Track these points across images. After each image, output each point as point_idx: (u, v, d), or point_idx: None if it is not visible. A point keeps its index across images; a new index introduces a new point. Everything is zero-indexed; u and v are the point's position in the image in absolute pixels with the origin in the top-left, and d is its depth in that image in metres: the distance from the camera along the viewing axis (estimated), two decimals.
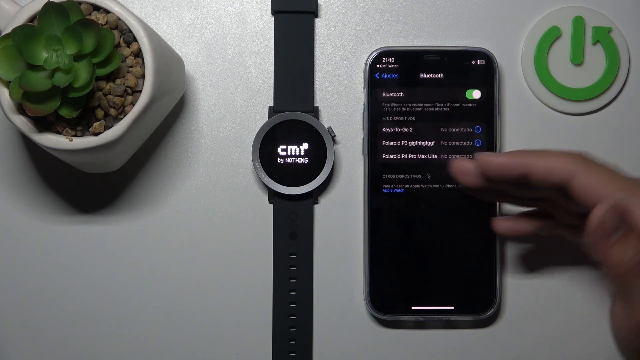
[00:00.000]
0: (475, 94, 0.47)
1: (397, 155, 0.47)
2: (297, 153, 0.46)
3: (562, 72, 0.48)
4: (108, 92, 0.40)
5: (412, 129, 0.47)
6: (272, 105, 0.47)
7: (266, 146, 0.46)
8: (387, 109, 0.47)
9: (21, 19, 0.40)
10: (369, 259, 0.46)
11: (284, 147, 0.46)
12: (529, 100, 0.48)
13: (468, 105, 0.47)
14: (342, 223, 0.48)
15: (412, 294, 0.46)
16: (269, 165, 0.46)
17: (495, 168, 0.40)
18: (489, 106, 0.47)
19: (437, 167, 0.46)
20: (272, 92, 0.47)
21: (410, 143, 0.47)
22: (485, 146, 0.46)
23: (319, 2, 0.48)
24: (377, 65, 0.47)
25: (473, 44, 0.47)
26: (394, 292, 0.46)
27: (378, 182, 0.46)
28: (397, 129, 0.47)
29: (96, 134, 0.40)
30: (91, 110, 0.41)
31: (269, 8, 0.48)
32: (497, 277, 0.46)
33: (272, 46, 0.48)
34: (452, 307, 0.46)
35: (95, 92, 0.40)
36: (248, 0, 0.48)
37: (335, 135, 0.47)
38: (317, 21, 0.48)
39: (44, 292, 0.47)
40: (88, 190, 0.47)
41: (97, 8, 0.41)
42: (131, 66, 0.41)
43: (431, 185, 0.46)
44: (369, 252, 0.46)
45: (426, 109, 0.47)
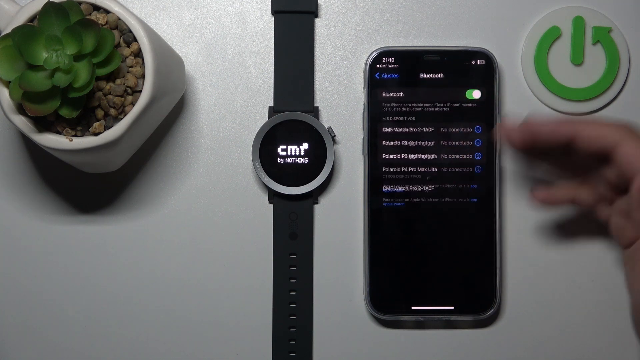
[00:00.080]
0: (475, 94, 0.47)
1: (397, 155, 0.46)
2: (297, 153, 0.46)
3: (562, 72, 0.48)
4: (108, 92, 0.40)
5: (412, 129, 0.47)
6: (272, 105, 0.47)
7: (266, 146, 0.46)
8: (387, 109, 0.47)
9: (21, 19, 0.40)
10: (369, 259, 0.46)
11: (284, 147, 0.46)
12: (529, 100, 0.48)
13: (468, 105, 0.47)
14: (342, 223, 0.47)
15: (412, 294, 0.46)
16: (269, 165, 0.46)
17: (544, 133, 0.42)
18: (489, 106, 0.47)
19: (437, 167, 0.46)
20: (272, 92, 0.47)
21: (410, 143, 0.47)
22: (486, 146, 0.46)
23: (319, 2, 0.48)
24: (377, 65, 0.47)
25: (473, 44, 0.47)
26: (394, 292, 0.46)
27: (378, 182, 0.46)
28: (397, 129, 0.47)
29: (96, 134, 0.40)
30: (91, 110, 0.41)
31: (269, 8, 0.48)
32: (497, 277, 0.46)
33: (272, 46, 0.48)
34: (452, 307, 0.46)
35: (95, 92, 0.40)
36: (248, 0, 0.48)
37: (335, 135, 0.47)
38: (317, 21, 0.48)
39: (44, 292, 0.47)
40: (88, 190, 0.47)
41: (97, 8, 0.41)
42: (131, 66, 0.41)
43: (431, 186, 0.46)
44: (369, 252, 0.46)
45: (426, 109, 0.47)
